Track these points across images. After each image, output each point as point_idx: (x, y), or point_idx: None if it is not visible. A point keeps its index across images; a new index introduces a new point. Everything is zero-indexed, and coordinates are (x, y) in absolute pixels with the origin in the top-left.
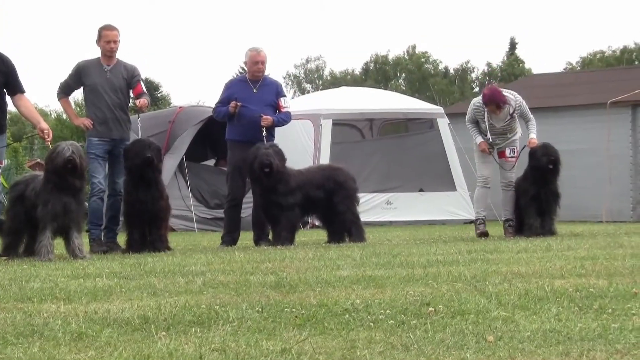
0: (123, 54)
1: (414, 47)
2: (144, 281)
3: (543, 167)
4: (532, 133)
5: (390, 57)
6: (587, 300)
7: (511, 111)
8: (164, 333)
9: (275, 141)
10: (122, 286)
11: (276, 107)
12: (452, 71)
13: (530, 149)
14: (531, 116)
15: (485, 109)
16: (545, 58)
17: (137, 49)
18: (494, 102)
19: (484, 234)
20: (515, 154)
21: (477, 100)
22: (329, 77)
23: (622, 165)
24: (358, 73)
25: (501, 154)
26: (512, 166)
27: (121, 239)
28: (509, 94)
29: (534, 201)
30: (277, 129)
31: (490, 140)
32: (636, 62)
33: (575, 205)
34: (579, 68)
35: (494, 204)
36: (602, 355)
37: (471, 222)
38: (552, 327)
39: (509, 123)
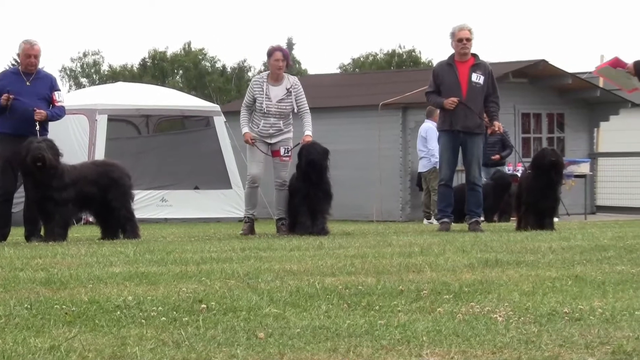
0: None
1: (189, 44)
2: None
3: (302, 167)
4: (308, 130)
5: (168, 53)
6: (355, 297)
7: (288, 86)
8: None
9: (49, 136)
10: None
11: (50, 101)
12: (229, 69)
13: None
14: (307, 108)
15: (265, 81)
16: (320, 59)
17: None
18: (282, 49)
19: (247, 233)
20: (290, 154)
21: (260, 74)
22: (106, 72)
23: (393, 166)
24: (136, 69)
25: (275, 153)
26: (286, 165)
27: None
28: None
29: (306, 199)
30: (50, 124)
31: (262, 126)
32: (404, 66)
33: (348, 204)
34: (351, 70)
35: (269, 203)
36: (368, 351)
37: None
38: (321, 324)
39: (285, 99)
